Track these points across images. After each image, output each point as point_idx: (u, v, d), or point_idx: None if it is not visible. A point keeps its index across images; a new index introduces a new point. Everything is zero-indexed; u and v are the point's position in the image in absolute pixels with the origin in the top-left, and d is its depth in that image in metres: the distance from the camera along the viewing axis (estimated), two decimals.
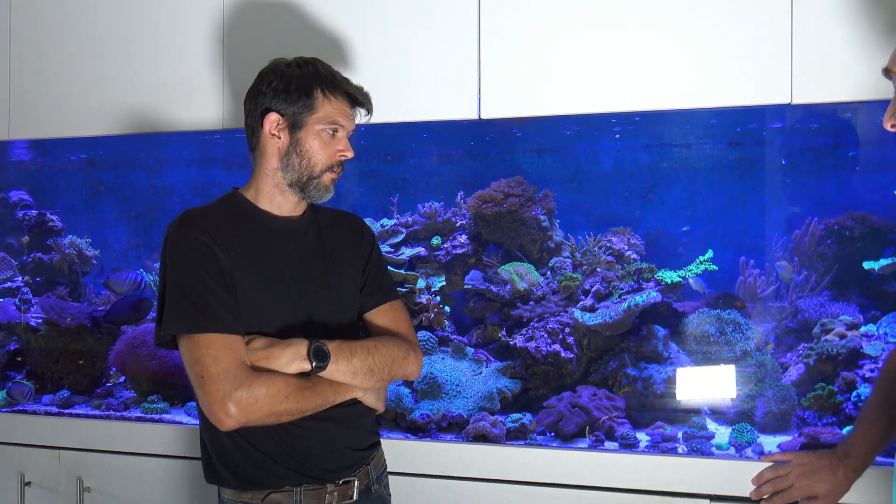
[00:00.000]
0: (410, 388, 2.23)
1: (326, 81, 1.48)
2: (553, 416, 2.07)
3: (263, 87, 1.48)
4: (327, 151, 1.49)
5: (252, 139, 1.52)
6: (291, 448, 1.44)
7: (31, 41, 2.36)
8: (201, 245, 1.40)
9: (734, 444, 1.93)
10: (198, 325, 1.35)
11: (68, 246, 2.97)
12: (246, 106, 1.53)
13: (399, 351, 1.53)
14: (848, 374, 2.02)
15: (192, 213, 1.47)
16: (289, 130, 1.48)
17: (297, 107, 1.46)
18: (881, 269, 2.23)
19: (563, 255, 2.49)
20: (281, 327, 1.45)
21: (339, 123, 1.50)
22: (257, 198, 1.52)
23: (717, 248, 2.38)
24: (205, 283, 1.37)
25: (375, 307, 1.61)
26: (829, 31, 1.78)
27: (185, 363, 1.38)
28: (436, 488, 1.98)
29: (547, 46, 1.96)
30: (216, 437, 1.45)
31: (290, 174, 1.49)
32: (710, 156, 2.60)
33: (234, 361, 1.34)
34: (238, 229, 1.47)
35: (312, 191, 1.51)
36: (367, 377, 1.47)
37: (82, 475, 2.22)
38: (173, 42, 2.23)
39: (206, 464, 1.50)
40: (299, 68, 1.49)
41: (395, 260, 2.47)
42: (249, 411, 1.33)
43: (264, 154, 1.50)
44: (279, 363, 1.38)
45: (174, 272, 1.40)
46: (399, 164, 2.86)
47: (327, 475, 1.48)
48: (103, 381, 2.59)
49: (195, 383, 1.35)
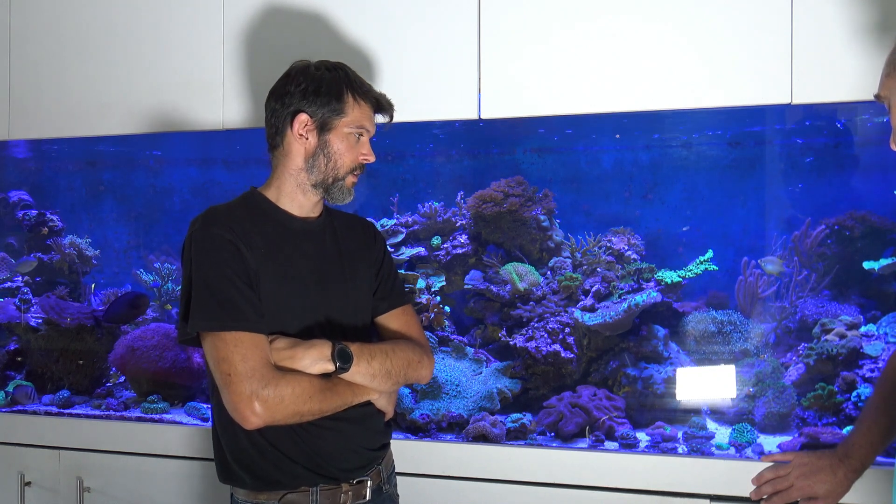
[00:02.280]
0: (410, 388, 2.23)
1: (356, 86, 1.52)
2: (553, 416, 2.07)
3: (291, 87, 1.50)
4: (352, 154, 1.52)
5: (275, 138, 1.53)
6: (310, 448, 1.45)
7: (31, 41, 2.36)
8: (227, 243, 1.41)
9: (734, 444, 1.93)
10: (226, 323, 1.36)
11: (68, 246, 2.97)
12: (270, 105, 1.53)
13: (414, 355, 1.56)
14: (848, 374, 2.02)
15: (216, 211, 1.48)
16: (317, 132, 1.49)
17: (326, 109, 1.48)
18: (881, 269, 2.22)
19: (563, 255, 2.49)
20: (301, 328, 1.47)
21: (366, 128, 1.53)
22: (279, 198, 1.53)
23: (717, 248, 2.38)
24: (231, 282, 1.39)
25: (388, 311, 1.63)
26: (829, 31, 1.78)
27: (209, 360, 1.39)
28: (436, 488, 1.98)
29: (547, 47, 1.96)
30: (233, 437, 1.45)
31: (314, 175, 1.51)
32: (710, 156, 2.60)
33: (262, 360, 1.36)
34: (260, 228, 1.48)
35: (336, 192, 1.53)
36: (385, 380, 1.49)
37: (82, 475, 2.22)
38: (173, 42, 2.23)
39: (220, 463, 1.51)
40: (329, 72, 1.51)
41: (395, 260, 2.47)
42: (275, 410, 1.34)
43: (289, 154, 1.51)
44: (303, 363, 1.40)
45: (200, 269, 1.40)
46: (399, 164, 2.86)
47: (343, 475, 1.49)
48: (103, 381, 2.59)
49: (221, 381, 1.36)
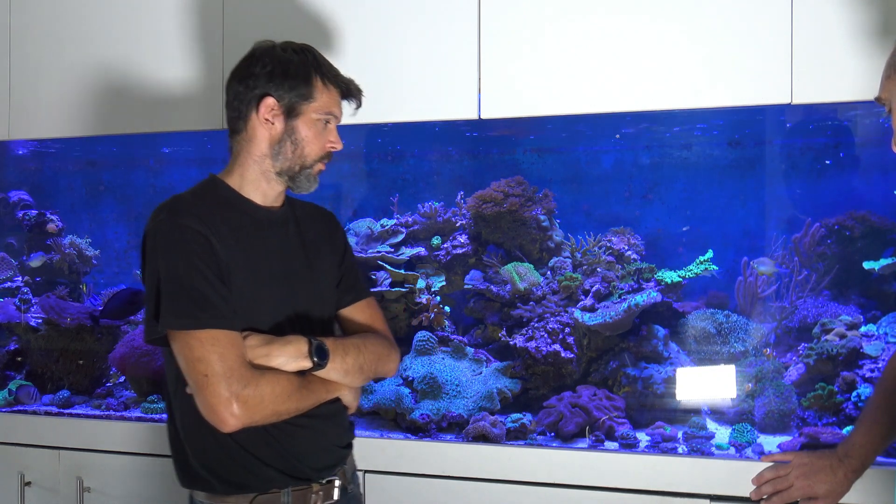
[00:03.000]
0: (410, 389, 2.23)
1: (324, 70, 1.44)
2: (553, 416, 2.07)
3: (257, 69, 1.41)
4: (320, 142, 1.45)
5: (237, 122, 1.45)
6: (283, 448, 1.40)
7: (31, 41, 2.36)
8: (197, 234, 1.33)
9: (734, 444, 1.93)
10: (202, 320, 1.29)
11: (68, 246, 2.97)
12: (232, 87, 1.45)
13: (383, 349, 1.52)
14: (848, 374, 2.02)
15: (182, 200, 1.39)
16: (284, 117, 1.42)
17: (294, 94, 1.41)
18: (881, 269, 2.22)
19: (563, 255, 2.49)
20: (272, 324, 1.41)
21: (334, 114, 1.46)
22: (242, 185, 1.45)
23: (717, 248, 2.38)
24: (204, 276, 1.31)
25: (353, 303, 1.58)
26: (829, 31, 1.78)
27: (182, 361, 1.31)
28: (436, 488, 1.98)
29: (547, 46, 1.96)
30: (199, 440, 1.38)
31: (280, 162, 1.43)
32: (710, 156, 2.60)
33: (239, 359, 1.29)
34: (226, 219, 1.40)
35: (302, 181, 1.46)
36: (357, 375, 1.45)
37: (82, 475, 2.22)
38: (173, 42, 2.23)
39: (182, 467, 1.43)
40: (296, 54, 1.43)
41: (395, 260, 2.47)
42: (255, 411, 1.29)
43: (253, 140, 1.44)
44: (279, 361, 1.34)
45: (169, 263, 1.31)
46: (399, 164, 2.86)
47: (314, 474, 1.45)
48: (103, 381, 2.59)
49: (197, 382, 1.28)
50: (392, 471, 2.01)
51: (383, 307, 2.42)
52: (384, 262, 2.44)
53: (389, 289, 2.40)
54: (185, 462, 1.42)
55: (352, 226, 2.65)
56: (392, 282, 2.42)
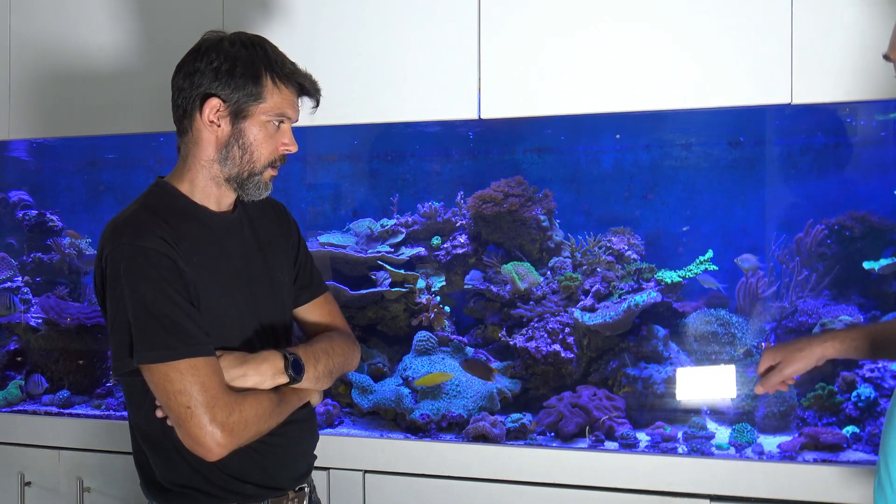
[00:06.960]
0: (410, 389, 2.23)
1: (276, 67, 1.32)
2: (553, 416, 2.07)
3: (202, 64, 1.31)
4: (271, 145, 1.35)
5: (182, 122, 1.36)
6: (262, 463, 1.36)
7: (30, 41, 2.36)
8: (163, 257, 1.24)
9: (734, 444, 1.93)
10: (179, 351, 1.21)
11: (68, 246, 2.97)
12: (176, 82, 1.35)
13: (348, 348, 1.49)
14: (848, 374, 2.02)
15: (140, 219, 1.28)
16: (230, 119, 1.32)
17: (242, 94, 1.30)
18: (881, 269, 2.22)
19: (563, 255, 2.49)
20: (242, 340, 1.35)
21: (287, 115, 1.35)
22: (192, 191, 1.36)
23: (717, 248, 2.38)
24: (174, 303, 1.23)
25: (309, 301, 1.53)
26: (829, 31, 1.78)
27: (161, 394, 1.22)
28: (436, 488, 1.98)
29: (547, 47, 1.96)
30: (168, 462, 1.32)
31: (228, 168, 1.34)
32: (710, 156, 2.60)
33: (220, 386, 1.23)
34: (185, 233, 1.31)
35: (251, 188, 1.36)
36: (327, 379, 1.43)
37: (82, 475, 2.22)
38: (173, 42, 2.22)
39: (150, 486, 1.36)
40: (246, 49, 1.31)
41: (395, 260, 2.47)
42: (240, 436, 1.24)
43: (199, 143, 1.34)
44: (255, 380, 1.29)
45: (137, 292, 1.22)
46: (399, 164, 2.86)
47: (290, 482, 1.42)
48: (103, 381, 2.59)
49: (179, 416, 1.21)
50: (392, 471, 2.01)
51: (383, 307, 2.43)
52: (384, 263, 2.44)
53: (389, 289, 2.40)
54: (153, 482, 1.36)
55: (352, 226, 2.64)
56: (392, 282, 2.42)
